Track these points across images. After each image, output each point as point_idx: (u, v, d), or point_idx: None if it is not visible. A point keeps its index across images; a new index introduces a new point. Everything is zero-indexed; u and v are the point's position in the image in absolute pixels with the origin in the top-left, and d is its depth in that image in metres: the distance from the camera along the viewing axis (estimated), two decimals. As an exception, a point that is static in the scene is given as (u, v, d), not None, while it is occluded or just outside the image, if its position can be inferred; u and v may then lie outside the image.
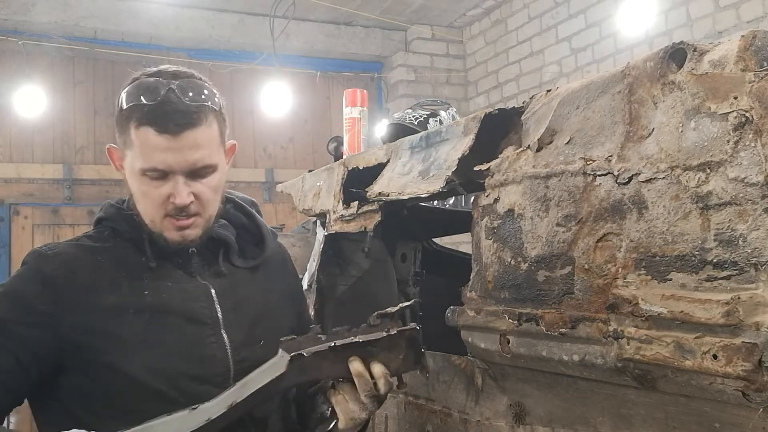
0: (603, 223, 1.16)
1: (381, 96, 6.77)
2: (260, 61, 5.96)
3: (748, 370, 0.91)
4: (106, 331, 1.19)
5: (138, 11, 5.59)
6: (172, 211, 1.23)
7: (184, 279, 1.28)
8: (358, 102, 2.47)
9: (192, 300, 1.26)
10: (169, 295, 1.25)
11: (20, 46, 5.36)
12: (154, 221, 1.25)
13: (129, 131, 1.21)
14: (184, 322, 1.24)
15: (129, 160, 1.23)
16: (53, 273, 1.20)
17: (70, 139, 5.67)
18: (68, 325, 1.18)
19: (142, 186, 1.22)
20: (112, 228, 1.30)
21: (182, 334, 1.24)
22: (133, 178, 1.24)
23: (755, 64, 0.99)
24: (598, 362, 1.14)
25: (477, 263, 1.46)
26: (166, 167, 1.20)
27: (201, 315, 1.26)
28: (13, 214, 5.46)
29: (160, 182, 1.22)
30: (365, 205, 1.91)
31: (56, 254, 1.23)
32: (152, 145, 1.19)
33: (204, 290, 1.28)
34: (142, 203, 1.25)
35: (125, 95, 1.22)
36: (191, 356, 1.23)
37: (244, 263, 1.37)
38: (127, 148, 1.23)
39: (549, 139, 1.31)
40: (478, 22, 6.49)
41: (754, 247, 0.94)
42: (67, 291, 1.19)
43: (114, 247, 1.27)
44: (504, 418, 1.42)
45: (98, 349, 1.18)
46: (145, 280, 1.25)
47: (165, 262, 1.28)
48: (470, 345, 1.47)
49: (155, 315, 1.22)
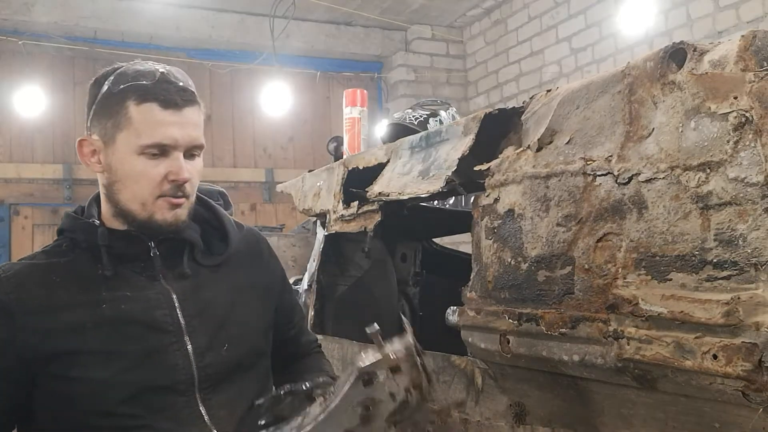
0: (603, 223, 1.16)
1: (381, 96, 6.77)
2: (260, 61, 5.96)
3: (748, 370, 0.91)
4: (65, 350, 1.17)
5: (138, 11, 5.59)
6: (169, 190, 1.21)
7: (146, 285, 1.24)
8: (358, 102, 2.47)
9: (153, 308, 1.22)
10: (129, 305, 1.21)
11: (20, 46, 5.37)
12: (146, 203, 1.21)
13: (125, 111, 1.19)
14: (144, 332, 1.20)
15: (120, 143, 1.20)
16: (7, 298, 1.17)
17: (70, 139, 5.65)
18: (28, 349, 1.16)
19: (138, 166, 1.19)
20: (71, 239, 1.26)
21: (143, 344, 1.20)
22: (125, 159, 1.20)
23: (755, 64, 0.99)
24: (598, 362, 1.14)
25: (477, 263, 1.46)
26: (171, 141, 1.19)
27: (162, 323, 1.22)
28: (13, 214, 5.47)
29: (158, 160, 1.20)
30: (365, 205, 1.91)
31: (8, 278, 1.20)
32: (157, 119, 1.18)
33: (166, 296, 1.24)
34: (134, 186, 1.21)
35: (113, 81, 1.21)
36: (153, 366, 1.20)
37: (210, 261, 1.32)
38: (120, 130, 1.20)
39: (549, 139, 1.31)
40: (478, 22, 6.49)
41: (754, 247, 0.94)
42: (22, 315, 1.17)
43: (70, 261, 1.24)
44: (504, 418, 1.42)
45: (60, 367, 1.17)
46: (103, 292, 1.21)
47: (124, 269, 1.24)
48: (470, 345, 1.47)
49: (114, 327, 1.19)
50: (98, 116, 1.22)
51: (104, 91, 1.21)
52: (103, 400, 1.16)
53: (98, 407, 1.16)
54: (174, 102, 1.19)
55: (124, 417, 1.15)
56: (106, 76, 1.23)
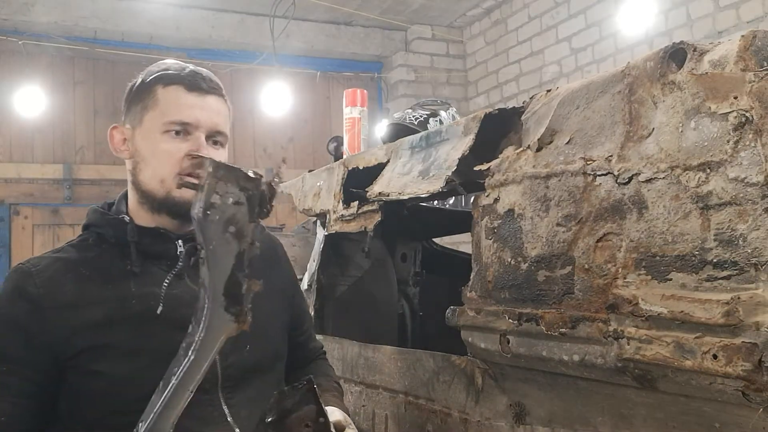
0: (603, 223, 1.16)
1: (381, 96, 6.77)
2: (260, 61, 5.97)
3: (748, 370, 0.91)
4: (93, 345, 1.19)
5: (138, 11, 5.59)
6: (189, 168, 1.25)
7: (172, 283, 1.26)
8: (358, 102, 2.47)
9: (179, 306, 1.24)
10: (156, 302, 1.23)
11: (20, 46, 5.37)
12: (165, 180, 1.25)
13: (153, 94, 1.27)
14: (171, 330, 1.20)
15: (147, 123, 1.27)
16: (38, 291, 1.20)
17: (70, 139, 5.68)
18: (58, 342, 1.19)
19: (162, 143, 1.25)
20: (98, 234, 1.28)
21: (169, 342, 1.19)
22: (149, 138, 1.26)
23: (755, 64, 0.99)
24: (598, 362, 1.14)
25: (477, 263, 1.46)
26: (193, 120, 1.25)
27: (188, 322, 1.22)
28: (13, 214, 5.47)
29: (180, 139, 1.25)
30: (365, 205, 1.91)
31: (38, 272, 1.22)
32: (182, 100, 1.26)
33: (191, 295, 1.24)
34: (155, 163, 1.26)
35: (146, 74, 1.30)
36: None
37: None
38: (147, 111, 1.27)
39: (549, 139, 1.31)
40: (478, 22, 6.49)
41: (754, 247, 0.94)
42: (52, 309, 1.19)
43: (98, 256, 1.26)
44: (504, 418, 1.42)
45: (87, 362, 1.18)
46: (131, 288, 1.23)
47: (151, 266, 1.26)
48: (470, 345, 1.47)
49: (142, 323, 1.21)
50: (130, 105, 1.30)
51: (138, 83, 1.30)
52: (127, 395, 1.17)
53: (122, 402, 1.17)
54: (199, 86, 1.27)
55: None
56: (137, 76, 1.32)
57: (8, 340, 1.18)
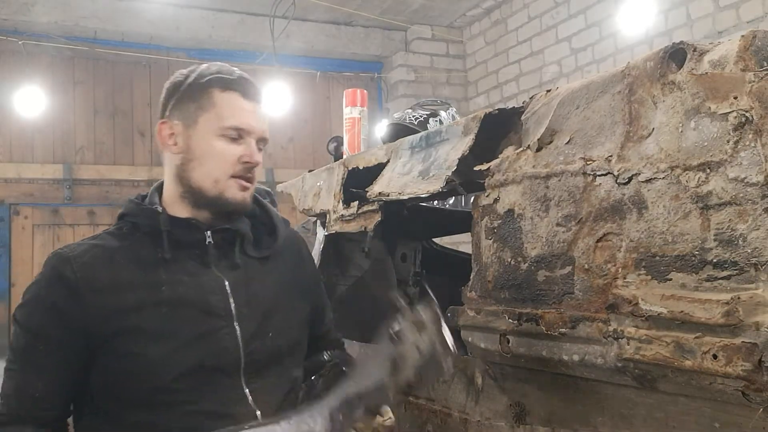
0: (603, 223, 1.16)
1: (381, 96, 6.77)
2: (260, 61, 5.96)
3: (748, 370, 0.91)
4: (126, 328, 1.25)
5: (138, 11, 5.58)
6: (241, 171, 1.34)
7: (200, 271, 1.33)
8: (358, 102, 2.47)
9: (207, 293, 1.31)
10: (185, 288, 1.30)
11: (20, 46, 5.36)
12: (219, 181, 1.33)
13: (209, 96, 1.33)
14: (199, 315, 1.29)
15: (202, 124, 1.33)
16: (74, 276, 1.26)
17: (70, 139, 5.67)
18: (93, 325, 1.25)
19: (217, 146, 1.32)
20: (133, 223, 1.35)
21: (197, 326, 1.28)
22: (205, 139, 1.33)
23: (755, 64, 0.99)
24: (598, 362, 1.14)
25: (477, 263, 1.46)
26: (248, 127, 1.34)
27: (215, 308, 1.30)
28: (13, 214, 5.46)
29: (234, 144, 1.33)
30: (365, 205, 1.92)
31: (76, 257, 1.28)
32: (239, 107, 1.34)
33: (219, 283, 1.33)
34: (210, 164, 1.33)
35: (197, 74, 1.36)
36: (205, 347, 1.28)
37: (258, 253, 1.41)
38: (203, 112, 1.33)
39: (549, 139, 1.31)
40: (478, 22, 6.49)
41: (754, 247, 0.94)
42: (89, 293, 1.25)
43: (132, 244, 1.33)
44: (504, 418, 1.42)
45: (120, 344, 1.25)
46: (162, 275, 1.30)
47: (181, 255, 1.33)
48: (470, 345, 1.47)
49: (172, 308, 1.27)
50: (181, 102, 1.35)
51: (189, 81, 1.35)
52: (157, 376, 1.24)
53: (151, 383, 1.24)
54: (253, 95, 1.36)
55: (175, 393, 1.23)
56: (187, 73, 1.37)
57: (46, 322, 1.25)
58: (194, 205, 1.35)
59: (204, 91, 1.34)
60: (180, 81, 1.37)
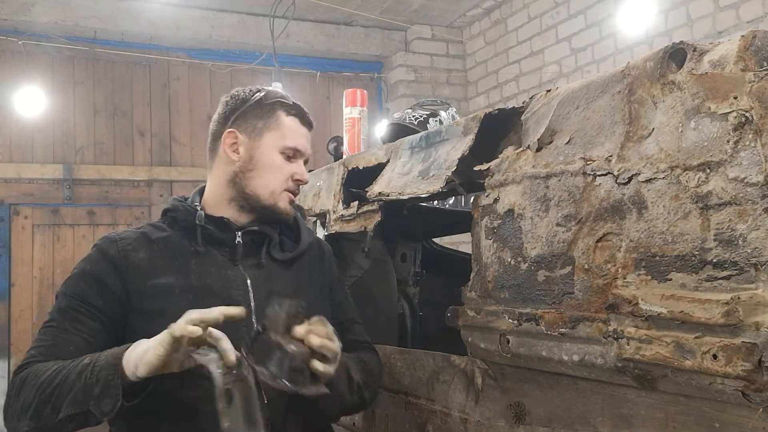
0: (603, 223, 1.16)
1: (381, 96, 6.77)
2: (260, 61, 5.96)
3: (748, 370, 0.91)
4: (155, 308, 1.38)
5: (138, 11, 5.58)
6: (292, 186, 1.55)
7: (227, 266, 1.48)
8: (358, 102, 2.47)
9: (231, 287, 1.45)
10: (212, 280, 1.45)
11: (20, 46, 5.36)
12: (275, 192, 1.52)
13: (276, 117, 1.53)
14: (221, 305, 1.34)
15: (266, 140, 1.52)
16: (118, 255, 1.44)
17: (70, 139, 5.66)
18: (129, 300, 1.40)
19: (277, 161, 1.53)
20: (173, 218, 1.52)
21: None
22: (268, 154, 1.52)
23: (755, 64, 0.99)
24: (598, 362, 1.14)
25: (477, 263, 1.46)
26: (303, 149, 1.56)
27: (236, 301, 1.39)
28: (13, 214, 5.46)
29: (289, 162, 1.54)
30: (365, 205, 1.92)
31: (119, 240, 1.46)
32: (297, 131, 1.56)
33: (242, 279, 1.47)
34: (270, 176, 1.52)
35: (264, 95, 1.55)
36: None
37: (282, 256, 1.55)
38: (268, 130, 1.53)
39: (549, 139, 1.31)
40: (478, 22, 6.49)
41: (754, 247, 0.94)
42: (128, 271, 1.42)
43: (170, 235, 1.49)
44: (504, 418, 1.42)
45: (148, 323, 1.33)
46: (193, 265, 1.45)
47: (212, 250, 1.48)
48: (470, 345, 1.47)
49: (198, 295, 1.41)
50: (247, 117, 1.53)
51: (256, 99, 1.54)
52: None
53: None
54: (309, 122, 1.59)
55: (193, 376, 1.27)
56: (252, 91, 1.56)
57: (91, 290, 1.41)
58: (242, 208, 1.52)
59: (271, 111, 1.53)
60: (245, 97, 1.54)
